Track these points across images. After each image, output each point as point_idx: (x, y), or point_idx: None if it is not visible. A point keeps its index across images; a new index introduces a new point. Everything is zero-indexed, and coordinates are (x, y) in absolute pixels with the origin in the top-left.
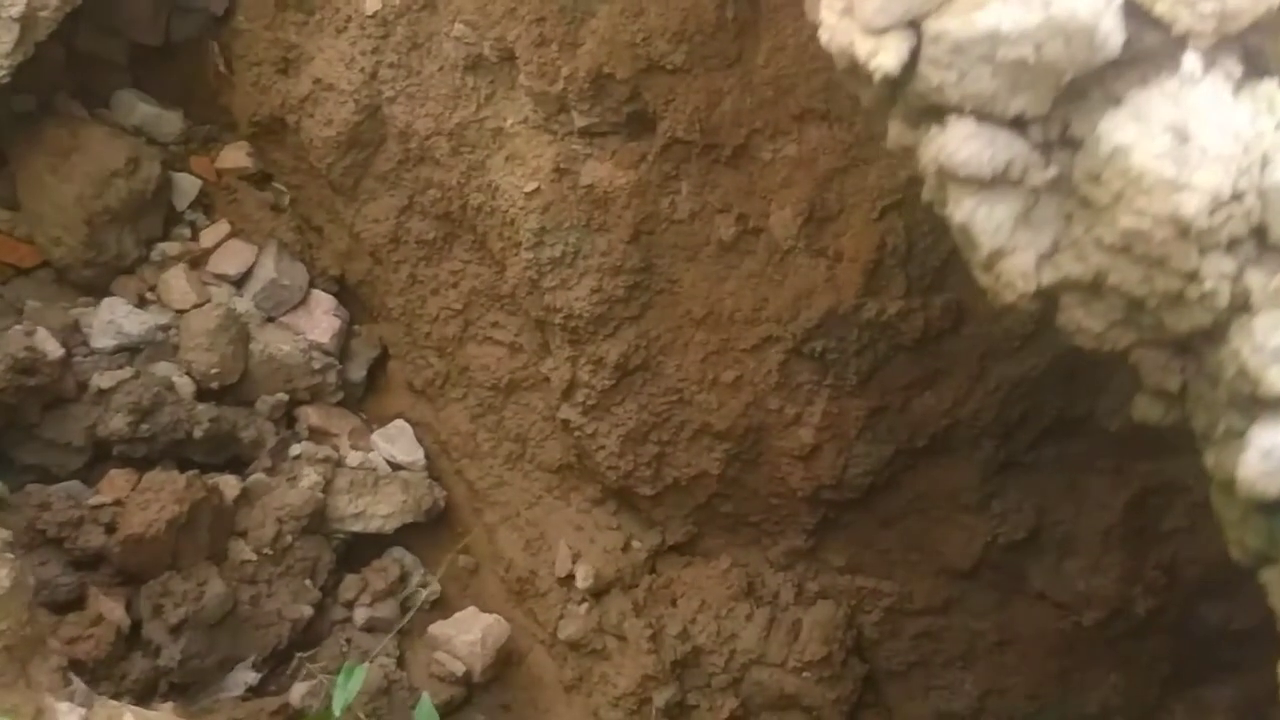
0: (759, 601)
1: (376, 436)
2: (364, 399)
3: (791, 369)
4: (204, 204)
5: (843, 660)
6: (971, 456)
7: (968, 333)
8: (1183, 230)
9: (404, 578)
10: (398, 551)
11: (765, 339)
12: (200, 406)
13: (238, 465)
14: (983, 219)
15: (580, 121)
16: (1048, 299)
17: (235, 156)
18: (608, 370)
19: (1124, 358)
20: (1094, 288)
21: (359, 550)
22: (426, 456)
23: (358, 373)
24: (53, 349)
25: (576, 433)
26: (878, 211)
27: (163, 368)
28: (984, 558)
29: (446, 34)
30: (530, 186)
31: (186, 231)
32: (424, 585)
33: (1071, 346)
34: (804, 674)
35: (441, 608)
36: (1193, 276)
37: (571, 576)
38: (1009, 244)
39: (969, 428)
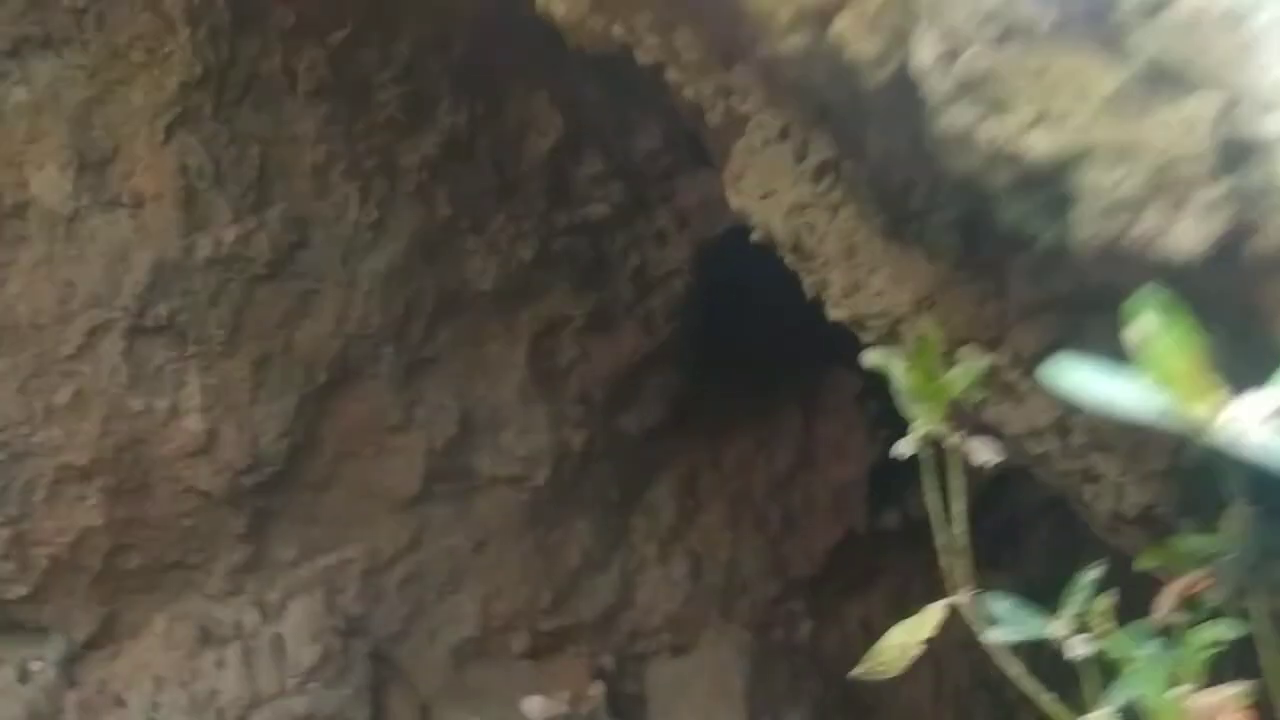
0: (223, 643)
1: None
2: None
3: (141, 353)
4: None
5: (341, 649)
6: (379, 373)
7: (318, 240)
8: None
9: None
10: None
11: (92, 330)
12: None
13: None
14: None
15: None
16: None
17: None
18: None
19: None
20: None
21: None
22: None
23: None
24: None
25: None
26: (162, 134)
27: None
28: (430, 471)
29: None
30: None
31: None
32: None
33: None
34: (309, 686)
35: None
36: None
37: None
38: None
39: (364, 343)
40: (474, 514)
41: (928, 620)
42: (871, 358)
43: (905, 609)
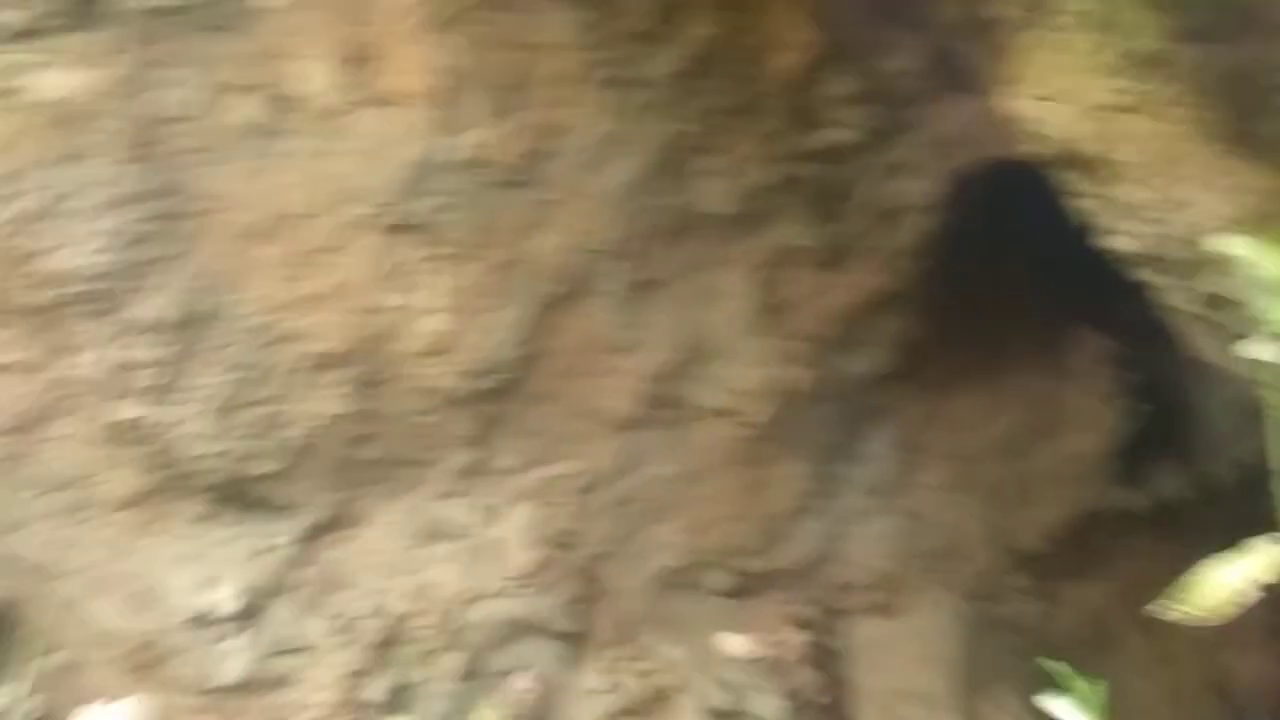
0: (446, 539)
1: None
2: None
3: (388, 249)
4: None
5: (554, 560)
6: (601, 289)
7: (564, 149)
8: None
9: None
10: None
11: (343, 224)
12: None
13: None
14: None
15: (12, 20)
16: None
17: None
18: (158, 334)
19: None
20: None
21: None
22: None
23: None
24: None
25: (147, 432)
26: (426, 34)
27: None
28: (643, 395)
29: None
30: None
31: None
32: (10, 708)
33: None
34: (518, 591)
35: None
36: None
37: (207, 612)
38: None
39: (596, 258)
40: (686, 444)
41: (1264, 558)
42: (1232, 245)
43: (1144, 601)
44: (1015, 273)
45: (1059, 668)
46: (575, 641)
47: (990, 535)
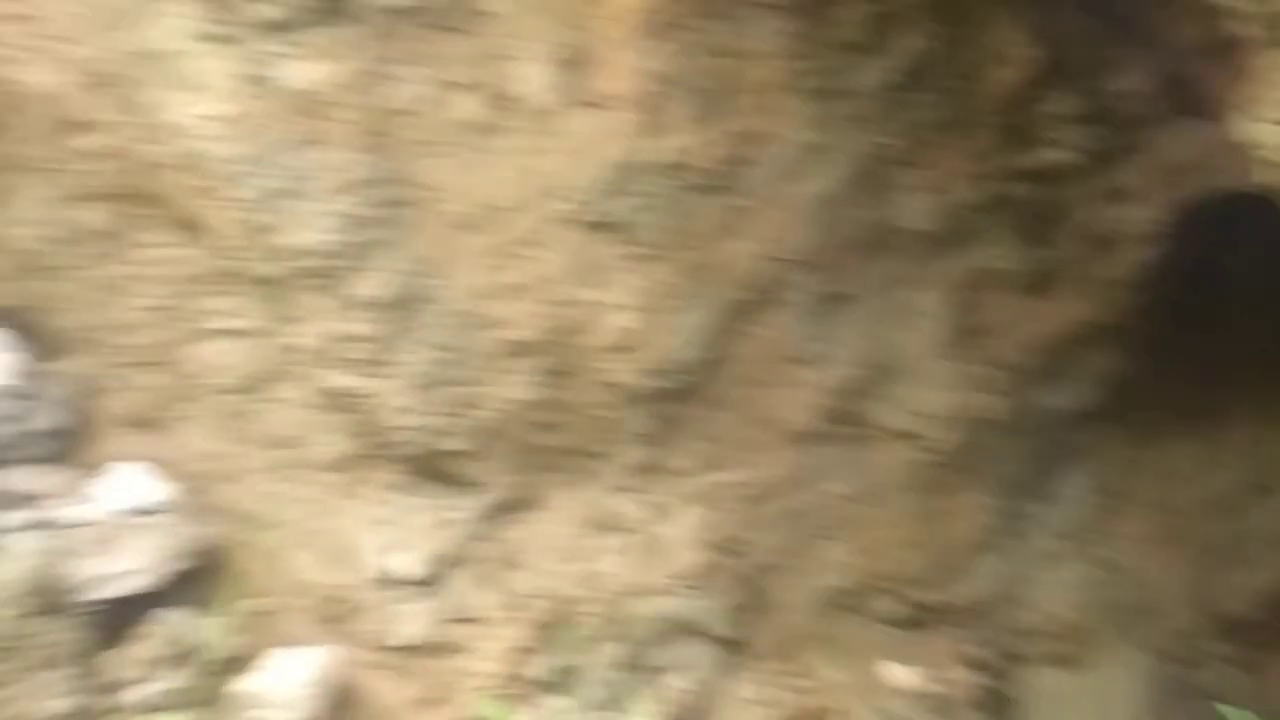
0: (614, 531)
1: (101, 485)
2: (70, 445)
3: (583, 245)
4: None
5: (719, 565)
6: (788, 299)
7: (762, 157)
8: None
9: (186, 638)
10: (164, 610)
11: (545, 219)
12: None
13: None
14: None
15: (261, 13)
16: None
17: None
18: (371, 310)
19: None
20: None
21: (114, 619)
22: (170, 493)
23: (52, 415)
24: None
25: (353, 401)
26: (640, 38)
27: None
28: (823, 409)
29: None
30: (211, 109)
31: None
32: (207, 641)
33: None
34: (683, 590)
35: (242, 663)
36: None
37: (391, 574)
38: None
39: (785, 267)
40: (865, 464)
41: None
42: None
43: None
44: (1241, 312)
45: None
46: (735, 649)
47: (1194, 595)
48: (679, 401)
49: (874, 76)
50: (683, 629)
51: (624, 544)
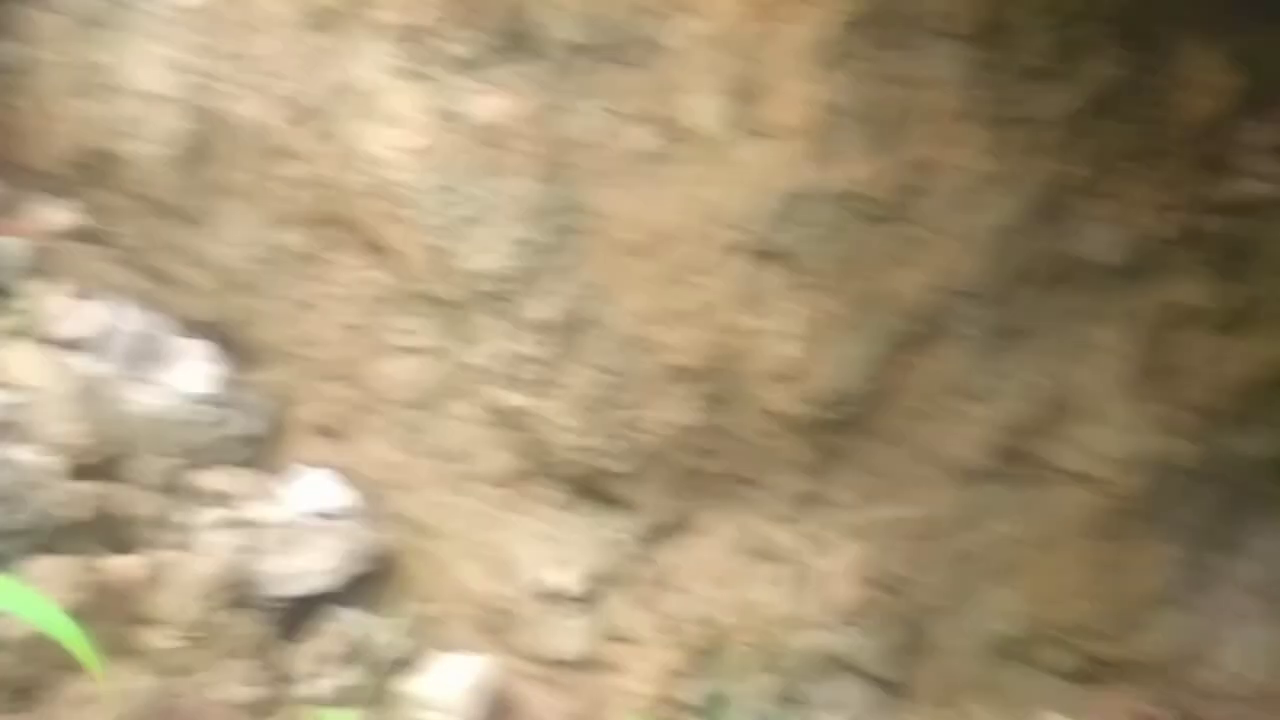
0: (775, 561)
1: (285, 487)
2: (262, 449)
3: (748, 273)
4: (23, 269)
5: (882, 603)
6: (958, 331)
7: (938, 187)
8: None
9: (359, 638)
10: (338, 609)
11: (711, 246)
12: (75, 485)
13: (119, 546)
14: None
15: (452, 50)
16: None
17: (48, 213)
18: (540, 332)
19: None
20: None
21: (293, 615)
22: (350, 499)
23: (247, 421)
24: None
25: (519, 418)
26: (815, 71)
27: (19, 451)
28: (992, 446)
29: None
30: (402, 139)
31: (19, 303)
32: (377, 640)
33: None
34: (842, 627)
35: (409, 664)
36: None
37: (549, 588)
38: None
39: (960, 299)
40: (1038, 506)
41: None
42: None
43: None
44: None
45: None
46: (893, 690)
47: None
48: (841, 432)
49: (1057, 104)
50: (837, 665)
51: (779, 574)
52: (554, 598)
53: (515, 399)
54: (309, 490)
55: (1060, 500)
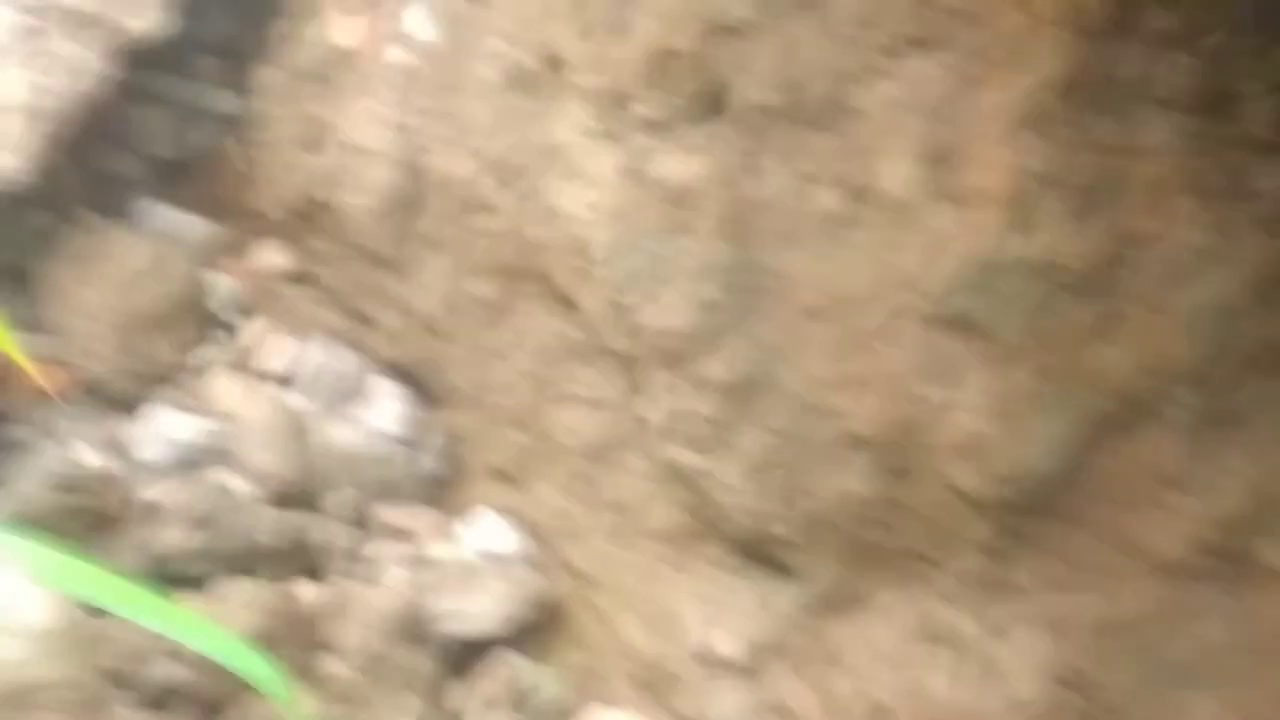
0: (942, 643)
1: (463, 528)
2: (443, 489)
3: (935, 342)
4: (242, 306)
5: (1062, 700)
6: (1168, 415)
7: (1140, 260)
8: None
9: (518, 681)
10: (506, 652)
11: (897, 313)
12: (264, 511)
13: (311, 573)
14: None
15: (644, 112)
16: None
17: (268, 255)
18: (717, 392)
19: None
20: None
21: (463, 654)
22: (522, 544)
23: (432, 462)
24: (93, 462)
25: (691, 476)
26: (1009, 134)
27: (218, 474)
28: (1202, 542)
29: (480, 56)
30: (594, 198)
31: (226, 334)
32: (540, 688)
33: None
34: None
35: (567, 715)
36: None
37: (712, 652)
38: None
39: (1162, 379)
40: (1249, 611)
41: None
42: None
43: None
44: None
45: None
46: None
47: None
48: (1029, 515)
49: None
50: None
51: (955, 660)
52: (715, 661)
53: (688, 457)
54: (486, 533)
55: (1267, 603)
